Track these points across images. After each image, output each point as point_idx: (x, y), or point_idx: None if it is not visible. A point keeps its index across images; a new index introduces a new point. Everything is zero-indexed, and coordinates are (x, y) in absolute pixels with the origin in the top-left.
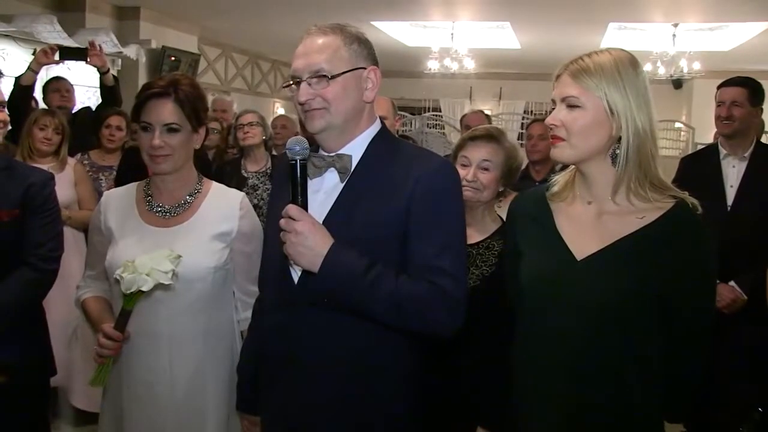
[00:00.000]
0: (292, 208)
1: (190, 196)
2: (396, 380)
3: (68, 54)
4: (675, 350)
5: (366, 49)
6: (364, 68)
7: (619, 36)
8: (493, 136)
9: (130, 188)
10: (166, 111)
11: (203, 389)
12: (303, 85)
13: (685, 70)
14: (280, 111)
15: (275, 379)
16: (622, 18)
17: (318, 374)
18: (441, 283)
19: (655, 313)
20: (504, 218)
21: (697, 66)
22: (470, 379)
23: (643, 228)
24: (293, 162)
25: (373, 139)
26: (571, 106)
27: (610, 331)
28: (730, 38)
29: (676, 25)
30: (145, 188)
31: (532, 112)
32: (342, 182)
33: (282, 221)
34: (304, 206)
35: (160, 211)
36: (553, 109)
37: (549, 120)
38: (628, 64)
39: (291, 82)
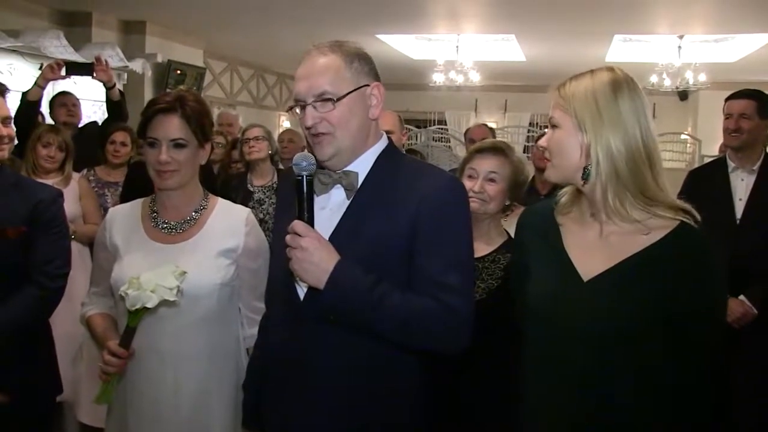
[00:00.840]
0: (297, 224)
1: (195, 212)
2: (402, 396)
3: (74, 69)
4: (683, 371)
5: (367, 66)
6: (368, 85)
7: (624, 48)
8: (501, 149)
9: (136, 204)
10: (173, 126)
11: (208, 406)
12: (308, 108)
13: (691, 82)
14: (286, 124)
15: (280, 395)
16: (628, 30)
17: (323, 390)
18: (447, 300)
19: (662, 333)
20: (510, 232)
21: (702, 77)
22: (474, 393)
23: (649, 248)
24: (299, 178)
25: (379, 155)
26: (552, 127)
27: (616, 352)
28: (736, 50)
29: (681, 37)
30: (150, 204)
31: (537, 124)
32: (348, 199)
33: (288, 237)
34: (310, 222)
35: (166, 227)
36: None
37: (539, 142)
38: (607, 86)
39: (295, 106)
